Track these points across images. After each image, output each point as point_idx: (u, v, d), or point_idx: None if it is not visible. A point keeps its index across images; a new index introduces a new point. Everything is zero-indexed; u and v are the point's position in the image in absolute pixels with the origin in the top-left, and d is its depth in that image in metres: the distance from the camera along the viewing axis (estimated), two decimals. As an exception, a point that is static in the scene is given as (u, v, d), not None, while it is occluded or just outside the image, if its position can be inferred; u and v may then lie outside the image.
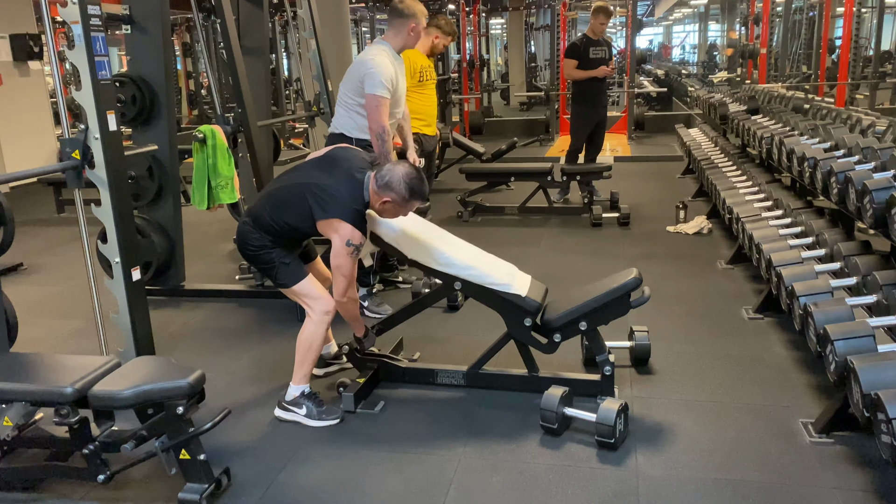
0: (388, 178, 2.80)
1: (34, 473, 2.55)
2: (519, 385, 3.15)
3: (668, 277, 4.60)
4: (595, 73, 6.66)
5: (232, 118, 4.42)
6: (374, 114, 3.68)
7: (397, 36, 3.81)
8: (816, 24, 12.15)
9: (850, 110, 5.56)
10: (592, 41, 6.73)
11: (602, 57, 6.73)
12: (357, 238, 2.79)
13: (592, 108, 6.84)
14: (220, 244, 5.98)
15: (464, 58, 12.79)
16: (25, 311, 4.01)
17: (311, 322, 2.95)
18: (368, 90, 3.67)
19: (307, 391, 2.98)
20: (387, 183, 2.79)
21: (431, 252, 3.09)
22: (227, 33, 4.33)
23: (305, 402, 2.95)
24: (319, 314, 2.92)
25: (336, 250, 2.81)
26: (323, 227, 2.83)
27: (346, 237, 2.77)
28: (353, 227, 2.78)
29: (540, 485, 2.50)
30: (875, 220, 2.84)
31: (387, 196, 2.80)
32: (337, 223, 2.78)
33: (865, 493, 2.38)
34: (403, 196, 2.80)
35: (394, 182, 2.79)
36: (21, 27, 8.83)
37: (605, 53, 6.77)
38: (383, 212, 2.89)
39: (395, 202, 2.82)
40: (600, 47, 6.75)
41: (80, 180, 3.08)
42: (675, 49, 36.01)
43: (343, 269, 2.83)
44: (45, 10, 2.97)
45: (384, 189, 2.80)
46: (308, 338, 2.95)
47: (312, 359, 2.98)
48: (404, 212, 2.92)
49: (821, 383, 3.12)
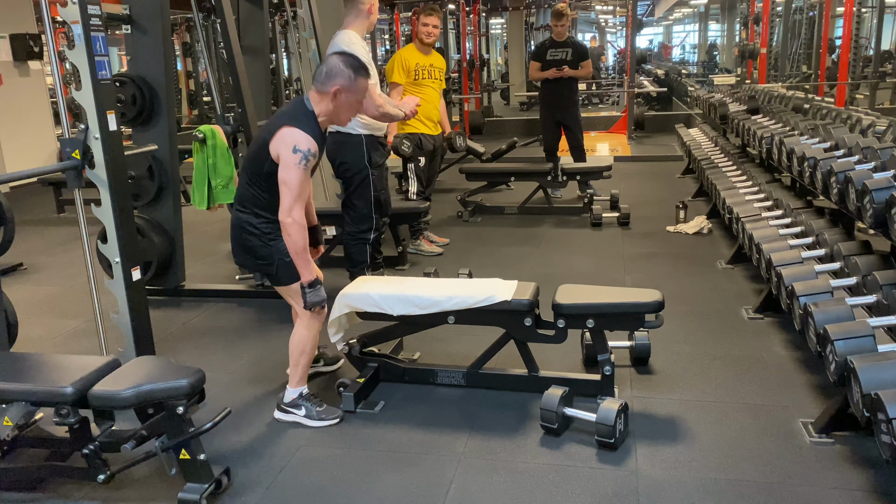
0: (326, 70, 2.69)
1: (34, 473, 2.55)
2: (519, 385, 3.15)
3: (668, 277, 4.60)
4: (545, 75, 6.85)
5: (232, 118, 4.42)
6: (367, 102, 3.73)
7: (357, 19, 3.98)
8: (816, 24, 12.15)
9: (850, 110, 5.56)
10: (555, 43, 6.91)
11: (561, 59, 6.83)
12: (304, 144, 2.63)
13: (550, 108, 7.04)
14: (220, 244, 5.98)
15: (464, 58, 12.79)
16: (25, 311, 4.02)
17: (300, 325, 2.93)
18: None
19: (305, 392, 2.97)
20: (327, 74, 2.69)
21: (411, 300, 3.07)
22: (227, 33, 4.33)
23: (304, 403, 2.94)
24: (308, 317, 2.89)
25: (283, 161, 2.65)
26: (274, 147, 2.67)
27: (292, 143, 2.63)
28: (299, 131, 2.64)
29: (540, 485, 2.50)
30: (875, 220, 2.84)
31: (333, 86, 2.68)
32: (281, 132, 2.65)
33: (865, 493, 2.38)
34: (349, 76, 2.68)
35: (333, 69, 2.68)
36: (21, 27, 8.83)
37: (566, 55, 6.84)
38: (340, 109, 2.74)
39: (345, 87, 2.69)
40: (562, 49, 6.86)
41: (80, 180, 3.08)
42: (675, 49, 36.02)
43: (290, 182, 2.64)
44: (45, 10, 2.97)
45: (328, 81, 2.69)
46: (299, 342, 2.92)
47: (306, 362, 2.96)
48: (359, 95, 2.77)
49: (821, 383, 3.12)
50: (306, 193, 2.76)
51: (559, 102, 6.98)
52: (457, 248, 5.50)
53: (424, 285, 3.22)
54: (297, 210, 2.67)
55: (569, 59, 6.83)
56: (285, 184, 2.65)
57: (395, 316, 3.08)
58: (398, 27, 12.95)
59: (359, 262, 4.22)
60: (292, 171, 2.63)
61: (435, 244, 5.45)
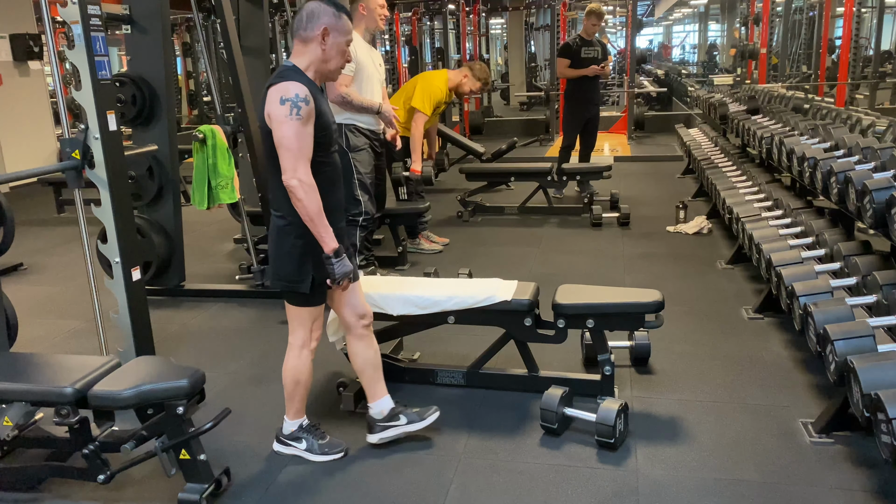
0: (307, 14, 2.42)
1: (34, 473, 2.55)
2: (519, 385, 3.15)
3: (668, 277, 4.60)
4: (585, 72, 6.85)
5: (232, 118, 4.42)
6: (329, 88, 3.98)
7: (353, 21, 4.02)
8: (816, 24, 12.15)
9: (850, 110, 5.56)
10: (585, 41, 6.94)
11: (594, 57, 6.90)
12: (290, 90, 2.34)
13: (583, 106, 7.03)
14: (220, 244, 5.98)
15: (464, 58, 12.78)
16: (25, 311, 4.01)
17: (291, 355, 2.68)
18: None
19: (305, 423, 2.76)
20: (308, 17, 2.42)
21: (411, 300, 3.06)
22: (227, 33, 4.33)
23: (305, 436, 2.74)
24: (297, 347, 2.66)
25: (273, 120, 2.36)
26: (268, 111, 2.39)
27: (277, 97, 2.34)
28: (282, 82, 2.36)
29: (540, 485, 2.50)
30: (875, 220, 2.84)
31: (320, 26, 2.41)
32: (270, 93, 2.38)
33: (865, 493, 2.38)
34: (333, 13, 2.43)
35: (315, 10, 2.42)
36: (21, 27, 8.83)
37: (597, 54, 6.93)
38: (329, 54, 2.46)
39: (332, 25, 2.43)
40: (593, 48, 6.93)
41: (80, 180, 3.08)
42: (675, 49, 36.01)
43: (284, 140, 2.34)
44: (45, 10, 2.97)
45: (311, 24, 2.42)
46: (292, 372, 2.68)
47: (302, 392, 2.72)
48: (347, 36, 2.49)
49: (821, 383, 3.12)
50: (310, 151, 2.40)
51: (592, 99, 7.06)
52: (457, 248, 5.50)
53: (424, 285, 3.22)
54: (302, 169, 2.37)
55: (599, 58, 6.90)
56: (280, 142, 2.36)
57: (395, 316, 3.08)
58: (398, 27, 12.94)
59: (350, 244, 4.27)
60: (284, 126, 2.34)
61: (435, 243, 5.45)
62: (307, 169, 2.39)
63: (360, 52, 4.11)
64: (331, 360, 3.49)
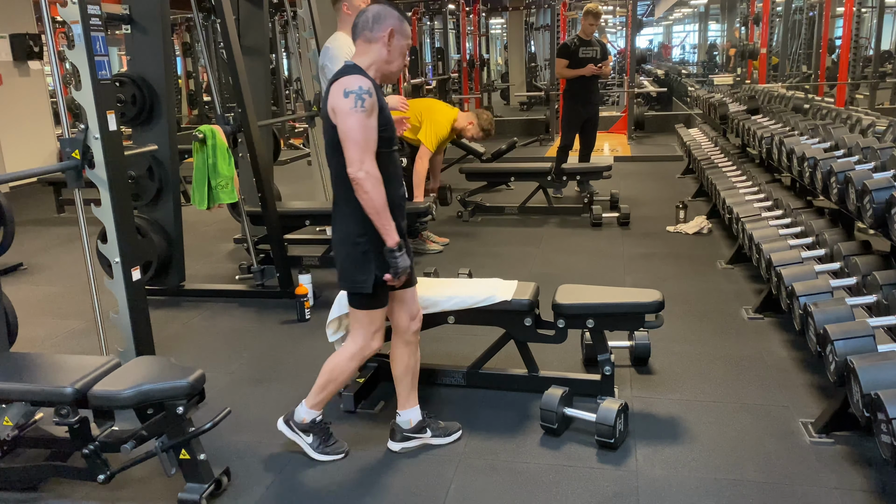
0: (373, 15, 2.45)
1: (34, 473, 2.55)
2: (519, 385, 3.15)
3: (668, 277, 4.60)
4: (583, 72, 6.84)
5: (232, 118, 4.42)
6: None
7: (342, 21, 4.15)
8: (816, 24, 12.15)
9: (850, 110, 5.56)
10: (584, 41, 6.94)
11: (592, 56, 6.88)
12: (353, 83, 2.35)
13: (581, 106, 7.03)
14: (220, 244, 5.98)
15: (464, 58, 12.79)
16: (25, 311, 4.01)
17: (345, 352, 2.65)
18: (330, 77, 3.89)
19: (318, 419, 2.72)
20: (375, 18, 2.45)
21: None
22: (227, 33, 4.33)
23: (314, 431, 2.71)
24: (358, 348, 2.63)
25: (338, 113, 2.37)
26: (330, 111, 2.40)
27: (340, 90, 2.36)
28: (349, 76, 2.38)
29: (540, 485, 2.50)
30: (875, 220, 2.84)
31: (387, 27, 2.44)
32: (332, 88, 2.40)
33: (865, 493, 2.38)
34: (398, 17, 2.47)
35: (381, 12, 2.45)
36: (21, 27, 8.83)
37: (595, 53, 6.91)
38: (393, 55, 2.49)
39: (396, 28, 2.46)
40: (591, 47, 6.92)
41: (80, 180, 3.08)
42: (675, 49, 36.01)
43: (350, 132, 2.34)
44: (45, 10, 2.97)
45: (378, 25, 2.44)
46: (336, 368, 2.66)
47: (332, 391, 2.70)
48: (408, 40, 2.53)
49: (821, 383, 3.12)
50: (375, 143, 2.40)
51: (591, 99, 7.05)
52: (457, 248, 5.50)
53: (424, 285, 3.21)
54: (368, 161, 2.36)
55: (598, 58, 6.89)
56: (345, 135, 2.35)
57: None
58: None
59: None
60: (349, 118, 2.33)
61: (435, 243, 5.45)
62: (373, 161, 2.39)
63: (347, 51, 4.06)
64: (331, 360, 3.49)
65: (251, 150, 4.44)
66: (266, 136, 5.26)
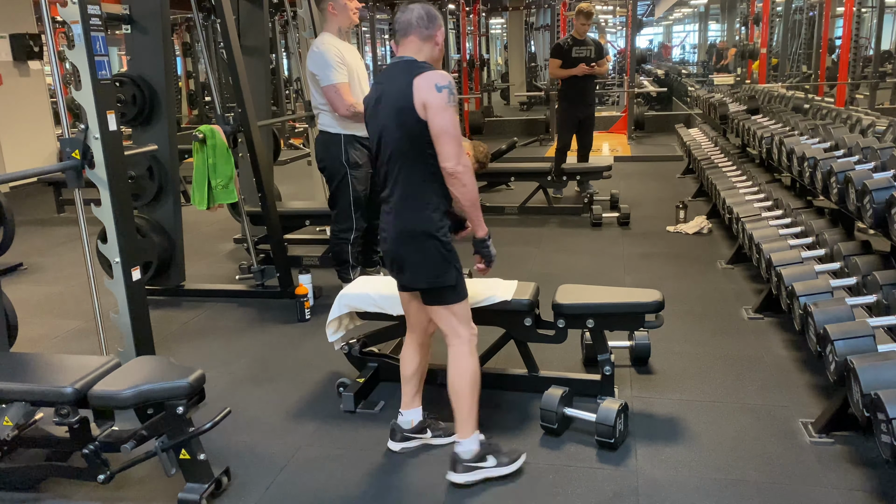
0: (427, 14, 2.44)
1: (34, 473, 2.55)
2: (519, 385, 3.15)
3: (668, 277, 4.60)
4: (574, 72, 6.80)
5: (232, 118, 4.42)
6: (336, 101, 3.94)
7: (326, 21, 4.11)
8: (816, 24, 12.15)
9: (850, 110, 5.57)
10: (577, 41, 6.91)
11: (585, 56, 6.84)
12: (443, 78, 2.34)
13: (575, 106, 6.99)
14: (220, 244, 5.98)
15: (464, 57, 12.78)
16: (25, 311, 4.02)
17: (464, 354, 2.50)
18: (323, 83, 3.94)
19: (482, 438, 2.55)
20: (429, 18, 2.45)
21: None
22: (227, 33, 4.32)
23: (488, 452, 2.54)
24: (467, 342, 2.51)
25: (433, 107, 2.31)
26: (418, 101, 2.32)
27: (432, 83, 2.31)
28: (435, 71, 2.36)
29: (540, 485, 2.50)
30: (875, 220, 2.84)
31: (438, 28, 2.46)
32: (416, 82, 2.33)
33: (865, 493, 2.38)
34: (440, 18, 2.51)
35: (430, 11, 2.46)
36: (21, 27, 8.83)
37: (589, 53, 6.86)
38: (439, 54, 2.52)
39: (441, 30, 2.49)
40: (585, 47, 6.88)
41: (80, 180, 3.08)
42: (675, 49, 36.01)
43: (447, 126, 2.31)
44: (45, 10, 2.97)
45: (432, 25, 2.44)
46: (471, 375, 2.49)
47: (477, 398, 2.52)
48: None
49: (821, 383, 3.12)
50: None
51: (584, 100, 7.00)
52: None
53: None
54: (463, 156, 2.36)
55: (592, 57, 6.84)
56: (444, 130, 2.31)
57: (395, 316, 3.08)
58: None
59: (341, 262, 4.23)
60: (446, 113, 2.31)
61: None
62: (466, 155, 2.40)
63: (345, 53, 4.01)
64: (331, 359, 3.49)
65: (251, 150, 4.44)
66: (266, 136, 5.26)
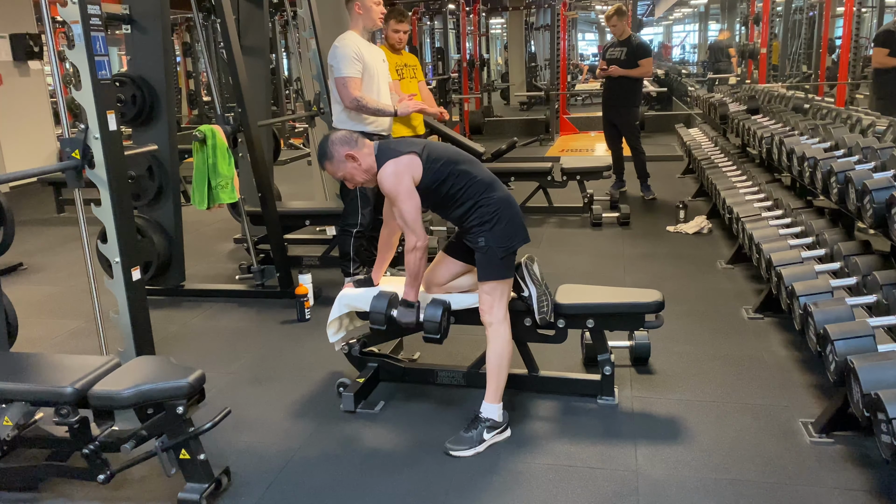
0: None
1: (34, 473, 2.55)
2: (519, 385, 3.15)
3: (668, 277, 4.60)
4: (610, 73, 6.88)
5: (232, 118, 4.42)
6: (343, 93, 3.99)
7: (352, 20, 4.16)
8: (816, 24, 12.15)
9: (850, 110, 5.56)
10: (613, 43, 7.05)
11: (616, 58, 6.85)
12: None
13: (604, 108, 7.21)
14: (220, 244, 5.98)
15: (464, 57, 12.78)
16: (25, 311, 4.01)
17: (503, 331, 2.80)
18: (335, 75, 4.00)
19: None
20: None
21: None
22: (227, 33, 4.33)
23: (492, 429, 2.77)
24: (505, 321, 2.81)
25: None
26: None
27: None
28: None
29: (540, 485, 2.50)
30: (875, 220, 2.84)
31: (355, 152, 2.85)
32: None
33: (865, 493, 2.38)
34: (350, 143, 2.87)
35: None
36: (21, 27, 8.83)
37: (620, 55, 6.83)
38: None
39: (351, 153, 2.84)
40: (617, 48, 6.91)
41: (80, 180, 3.08)
42: (675, 49, 36.00)
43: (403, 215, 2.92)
44: (45, 10, 2.97)
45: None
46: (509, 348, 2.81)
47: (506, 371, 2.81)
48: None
49: (821, 383, 3.12)
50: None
51: (610, 102, 7.08)
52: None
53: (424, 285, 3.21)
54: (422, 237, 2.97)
55: (622, 59, 6.81)
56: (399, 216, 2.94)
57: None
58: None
59: (343, 253, 4.23)
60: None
61: (435, 244, 5.45)
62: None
63: (364, 51, 4.07)
64: (331, 359, 3.49)
65: (251, 150, 4.44)
66: (266, 136, 5.26)
